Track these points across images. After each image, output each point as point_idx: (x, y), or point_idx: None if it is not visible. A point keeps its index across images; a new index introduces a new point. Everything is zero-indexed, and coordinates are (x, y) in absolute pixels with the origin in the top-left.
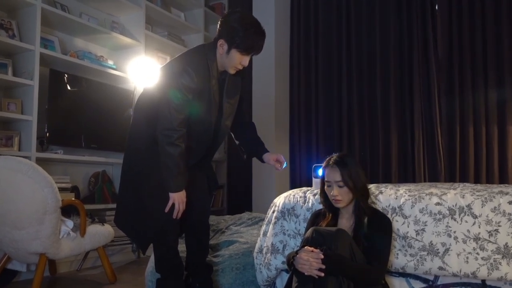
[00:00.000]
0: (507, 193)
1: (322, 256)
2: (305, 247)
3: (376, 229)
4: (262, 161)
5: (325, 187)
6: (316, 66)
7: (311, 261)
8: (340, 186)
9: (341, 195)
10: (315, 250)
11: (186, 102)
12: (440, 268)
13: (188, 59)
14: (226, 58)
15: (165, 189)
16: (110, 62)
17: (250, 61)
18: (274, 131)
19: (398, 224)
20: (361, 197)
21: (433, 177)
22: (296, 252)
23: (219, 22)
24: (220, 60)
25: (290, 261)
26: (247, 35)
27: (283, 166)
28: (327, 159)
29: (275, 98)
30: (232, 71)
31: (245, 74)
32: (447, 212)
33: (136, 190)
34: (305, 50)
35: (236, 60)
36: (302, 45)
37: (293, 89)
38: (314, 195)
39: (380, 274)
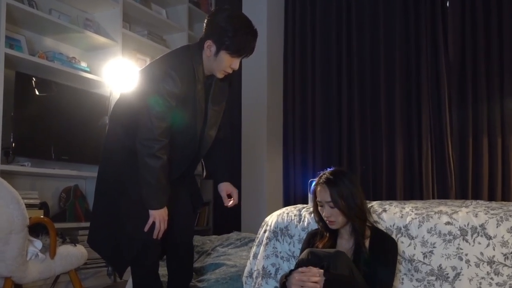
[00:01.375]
0: None
1: (318, 277)
2: (300, 268)
3: (379, 252)
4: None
5: (318, 206)
6: (313, 70)
7: (305, 282)
8: (331, 207)
9: (333, 216)
10: (313, 268)
11: (169, 109)
12: None
13: (171, 61)
14: (214, 61)
15: (145, 206)
16: (83, 64)
17: (240, 65)
18: (266, 142)
19: (403, 245)
20: (356, 220)
21: (442, 194)
22: (290, 272)
23: (205, 21)
24: (207, 63)
25: (282, 282)
26: (238, 36)
27: (230, 203)
28: (319, 176)
29: (267, 105)
30: (220, 75)
31: (233, 79)
32: (458, 232)
33: (112, 207)
34: (300, 52)
35: (225, 63)
36: (297, 46)
37: (287, 96)
38: (310, 213)
39: None
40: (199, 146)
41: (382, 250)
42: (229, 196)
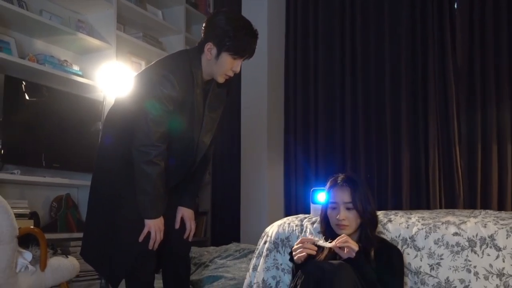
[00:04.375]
0: None
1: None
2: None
3: (386, 263)
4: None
5: (328, 210)
6: (315, 74)
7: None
8: (348, 208)
9: (348, 220)
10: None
11: (166, 113)
12: None
13: (168, 65)
14: (215, 64)
15: (141, 215)
16: (76, 68)
17: (239, 70)
18: (266, 149)
19: (409, 257)
20: (369, 225)
21: (450, 203)
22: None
23: (204, 24)
24: (207, 66)
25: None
26: (239, 36)
27: (185, 235)
28: (333, 178)
29: (267, 111)
30: (221, 79)
31: (231, 88)
32: (467, 243)
33: (106, 217)
34: (302, 55)
35: (227, 66)
36: (299, 49)
37: (288, 101)
38: (313, 223)
39: None
40: (195, 153)
41: (389, 261)
42: (182, 221)
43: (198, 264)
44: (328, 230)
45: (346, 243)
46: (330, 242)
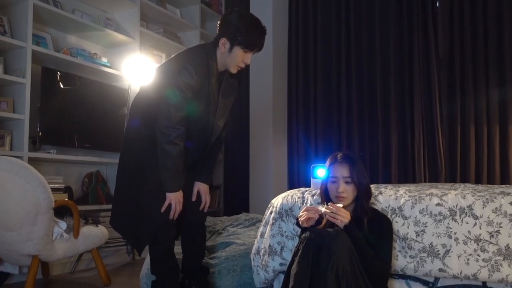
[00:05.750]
0: (508, 194)
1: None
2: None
3: (377, 231)
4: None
5: (328, 183)
6: (314, 66)
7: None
8: (347, 182)
9: (346, 192)
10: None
11: (185, 100)
12: (441, 270)
13: (187, 57)
14: (228, 57)
15: (162, 188)
16: (104, 60)
17: None
18: (272, 132)
19: (398, 225)
20: (364, 196)
21: (433, 178)
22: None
23: (219, 21)
24: (222, 59)
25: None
26: (249, 33)
27: (201, 206)
28: (333, 155)
29: (273, 98)
30: (234, 70)
31: (242, 78)
32: (448, 213)
33: (131, 191)
34: (303, 49)
35: (239, 58)
36: (300, 44)
37: (291, 90)
38: (313, 195)
39: (386, 277)
40: (210, 135)
41: (380, 229)
42: (198, 194)
43: (212, 231)
44: (328, 202)
45: (335, 214)
46: (326, 209)
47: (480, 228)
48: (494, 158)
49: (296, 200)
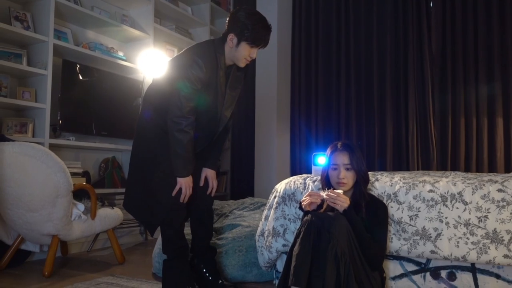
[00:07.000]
0: (496, 182)
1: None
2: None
3: (374, 215)
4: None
5: (330, 170)
6: (316, 60)
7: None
8: (347, 169)
9: (346, 178)
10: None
11: (195, 91)
12: (432, 251)
13: (196, 51)
14: (235, 52)
15: (174, 173)
16: (120, 54)
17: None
18: (275, 122)
19: (393, 209)
20: (363, 182)
21: (426, 166)
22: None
23: (228, 18)
24: (229, 53)
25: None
26: (256, 29)
27: (208, 191)
28: (333, 144)
29: (277, 91)
30: (241, 64)
31: (248, 72)
32: (439, 198)
33: (144, 176)
34: (306, 45)
35: (245, 52)
36: (303, 40)
37: (294, 83)
38: (314, 181)
39: (382, 258)
40: (218, 124)
41: (376, 213)
42: (206, 180)
43: (219, 214)
44: (328, 188)
45: (335, 199)
46: (327, 195)
47: (470, 213)
48: (482, 148)
49: (298, 186)
